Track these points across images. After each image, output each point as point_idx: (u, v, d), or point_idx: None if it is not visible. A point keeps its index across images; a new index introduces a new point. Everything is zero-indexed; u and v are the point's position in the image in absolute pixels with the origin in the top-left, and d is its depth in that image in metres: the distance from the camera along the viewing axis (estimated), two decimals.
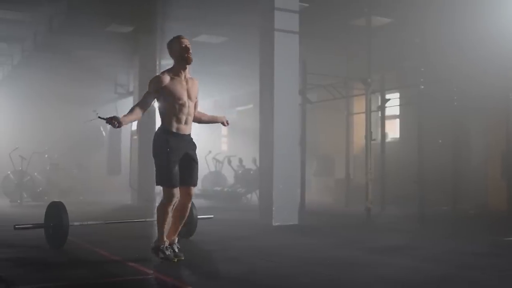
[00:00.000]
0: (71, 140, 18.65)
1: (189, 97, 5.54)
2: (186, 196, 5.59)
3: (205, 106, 21.02)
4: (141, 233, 7.76)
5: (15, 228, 6.36)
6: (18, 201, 14.58)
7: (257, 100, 9.72)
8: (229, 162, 15.99)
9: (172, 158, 5.40)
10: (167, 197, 5.42)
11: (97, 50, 14.32)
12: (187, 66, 5.58)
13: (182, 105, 5.47)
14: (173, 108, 5.45)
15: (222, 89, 20.29)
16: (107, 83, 16.73)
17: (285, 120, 9.15)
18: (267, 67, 9.25)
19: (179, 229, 5.73)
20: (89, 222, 6.95)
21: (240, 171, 15.43)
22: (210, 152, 16.99)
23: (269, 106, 9.14)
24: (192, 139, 5.66)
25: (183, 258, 5.43)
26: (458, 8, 10.24)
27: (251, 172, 14.68)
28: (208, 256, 6.19)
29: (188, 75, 5.63)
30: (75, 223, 6.58)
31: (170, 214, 5.48)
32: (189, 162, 5.57)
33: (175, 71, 5.56)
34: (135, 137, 13.84)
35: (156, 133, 5.58)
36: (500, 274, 5.19)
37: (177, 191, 5.43)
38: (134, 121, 5.37)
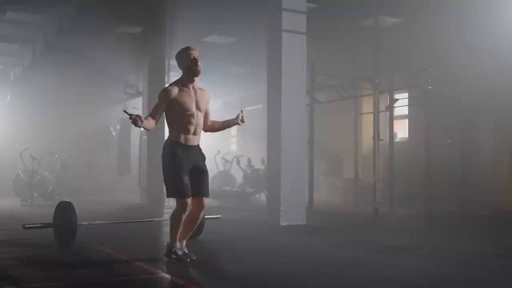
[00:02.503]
0: (82, 140, 18.75)
1: (197, 107, 5.55)
2: (199, 207, 5.59)
3: (214, 107, 21.13)
4: (149, 233, 7.83)
5: (24, 228, 6.43)
6: (29, 200, 14.70)
7: (266, 100, 9.76)
8: (238, 162, 16.03)
9: (182, 168, 5.41)
10: (181, 207, 5.42)
11: (107, 50, 14.40)
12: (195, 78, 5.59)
13: (190, 116, 5.49)
14: (181, 119, 5.46)
15: (231, 90, 20.35)
16: (117, 83, 16.81)
17: (293, 120, 9.18)
18: (275, 68, 9.28)
19: (189, 235, 5.77)
20: (97, 222, 7.01)
21: (249, 171, 15.46)
22: (219, 152, 17.02)
23: (277, 107, 9.17)
24: (201, 150, 5.67)
25: (195, 258, 5.46)
26: (466, 8, 10.23)
27: (260, 172, 14.70)
28: (215, 256, 6.24)
29: (196, 86, 5.64)
30: (84, 223, 6.65)
31: (183, 221, 5.51)
32: (199, 173, 5.56)
33: (184, 82, 5.57)
34: (144, 137, 13.91)
35: (165, 145, 5.60)
36: (507, 275, 5.20)
37: (190, 200, 5.44)
38: (148, 128, 5.41)
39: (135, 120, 5.13)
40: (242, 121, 5.90)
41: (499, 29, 10.23)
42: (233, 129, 22.26)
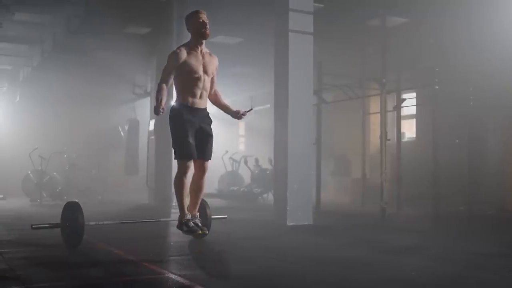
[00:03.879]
0: (90, 140, 18.85)
1: (205, 71, 5.61)
2: (200, 170, 5.66)
3: None
4: (156, 233, 7.85)
5: (32, 228, 6.48)
6: (38, 200, 14.79)
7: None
8: (246, 162, 16.05)
9: (187, 131, 5.48)
10: (181, 169, 5.50)
11: (115, 51, 14.48)
12: (203, 41, 5.65)
13: (197, 79, 5.55)
14: (188, 82, 5.53)
15: (239, 89, 20.34)
16: (125, 83, 16.88)
17: (300, 120, 9.19)
18: (282, 68, 9.30)
19: (198, 204, 5.79)
20: (104, 222, 7.04)
21: (256, 171, 15.48)
22: (227, 152, 17.05)
23: (284, 107, 9.19)
24: (208, 113, 5.72)
25: (207, 233, 5.48)
26: (473, 7, 10.20)
27: (267, 172, 14.72)
28: (220, 256, 6.25)
29: (205, 50, 5.68)
30: (91, 223, 6.68)
31: (187, 186, 5.55)
32: (204, 136, 5.64)
33: (192, 46, 5.65)
34: (152, 137, 13.96)
35: (172, 107, 5.65)
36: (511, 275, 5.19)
37: (190, 164, 5.50)
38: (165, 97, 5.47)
39: (157, 112, 5.24)
40: (240, 117, 5.97)
41: (507, 28, 10.19)
42: (241, 129, 22.29)
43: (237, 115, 6.05)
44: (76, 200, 7.28)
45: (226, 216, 7.76)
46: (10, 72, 19.30)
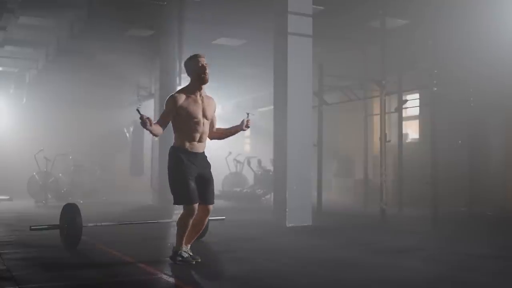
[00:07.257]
0: (95, 142, 18.97)
1: (204, 115, 5.57)
2: (204, 213, 5.64)
3: (227, 108, 21.25)
4: (157, 234, 7.92)
5: (30, 229, 6.57)
6: (43, 201, 14.91)
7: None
8: (249, 163, 16.10)
9: (188, 174, 5.44)
10: (188, 213, 5.45)
11: (119, 53, 14.58)
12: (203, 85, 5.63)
13: (196, 123, 5.52)
14: (187, 126, 5.50)
15: (243, 91, 20.44)
16: (129, 85, 16.98)
17: (299, 121, 9.24)
18: (281, 70, 9.35)
19: (194, 239, 5.84)
20: (102, 224, 7.13)
21: (259, 172, 15.53)
22: (230, 153, 17.12)
23: (283, 108, 9.25)
24: (206, 157, 5.71)
25: (200, 260, 5.52)
26: (473, 8, 10.21)
27: (270, 173, 14.76)
28: (216, 257, 6.32)
29: (204, 94, 5.68)
30: (89, 224, 6.77)
31: (190, 226, 5.57)
32: (205, 181, 5.59)
33: (191, 90, 5.59)
34: (156, 139, 14.05)
35: (170, 151, 5.64)
36: (503, 277, 5.21)
37: (197, 206, 5.47)
38: (155, 134, 5.47)
39: (145, 121, 5.19)
40: (247, 126, 5.92)
41: (506, 29, 10.20)
42: (247, 130, 22.32)
43: (243, 127, 5.99)
44: (81, 201, 7.37)
45: (224, 217, 7.81)
46: (16, 74, 19.45)
